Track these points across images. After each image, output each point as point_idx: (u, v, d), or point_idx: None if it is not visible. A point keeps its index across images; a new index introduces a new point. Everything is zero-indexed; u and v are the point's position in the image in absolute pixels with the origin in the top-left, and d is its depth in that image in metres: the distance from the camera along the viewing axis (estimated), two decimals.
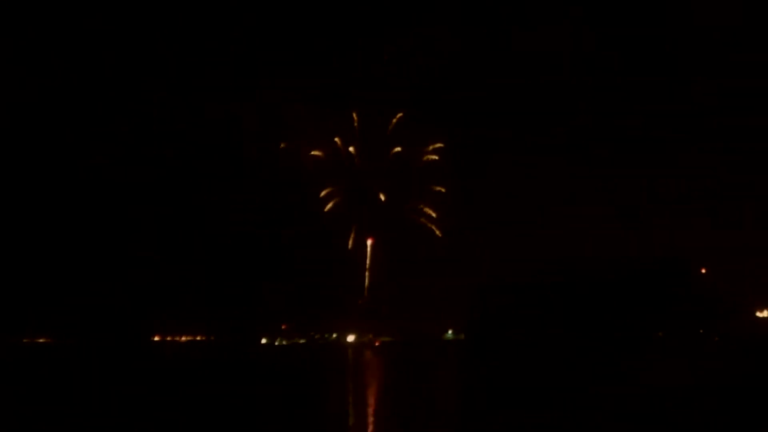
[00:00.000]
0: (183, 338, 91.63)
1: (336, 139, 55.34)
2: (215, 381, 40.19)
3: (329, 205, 61.55)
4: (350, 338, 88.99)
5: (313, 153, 54.82)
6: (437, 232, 65.56)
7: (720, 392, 28.98)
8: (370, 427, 22.51)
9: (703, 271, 66.28)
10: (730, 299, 68.27)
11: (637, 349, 53.47)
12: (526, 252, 65.89)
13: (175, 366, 53.67)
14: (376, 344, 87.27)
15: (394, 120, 56.75)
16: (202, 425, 22.70)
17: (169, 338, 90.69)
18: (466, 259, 70.18)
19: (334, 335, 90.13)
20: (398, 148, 56.64)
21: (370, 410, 27.40)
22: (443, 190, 57.25)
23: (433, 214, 59.40)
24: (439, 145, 58.88)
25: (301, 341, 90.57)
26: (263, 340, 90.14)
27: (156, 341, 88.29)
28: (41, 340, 79.53)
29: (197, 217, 69.02)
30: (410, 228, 62.31)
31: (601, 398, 27.28)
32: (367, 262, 66.12)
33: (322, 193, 55.16)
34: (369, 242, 60.37)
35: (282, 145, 54.68)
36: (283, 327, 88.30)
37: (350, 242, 61.32)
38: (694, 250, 66.43)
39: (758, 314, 74.44)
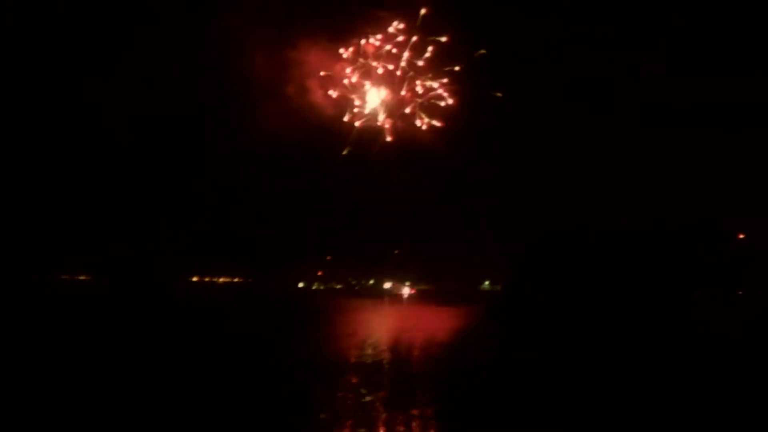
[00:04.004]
0: (221, 279, 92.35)
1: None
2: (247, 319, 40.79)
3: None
4: (387, 285, 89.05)
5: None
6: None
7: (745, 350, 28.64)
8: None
9: (742, 236, 64.60)
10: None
11: (672, 308, 52.98)
12: (563, 207, 64.68)
13: (211, 305, 54.79)
14: (412, 292, 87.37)
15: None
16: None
17: (207, 279, 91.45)
18: (507, 211, 69.35)
19: (371, 281, 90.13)
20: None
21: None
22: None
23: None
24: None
25: (338, 286, 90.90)
26: (300, 284, 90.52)
27: (194, 281, 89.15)
28: (80, 278, 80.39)
29: (236, 159, 68.48)
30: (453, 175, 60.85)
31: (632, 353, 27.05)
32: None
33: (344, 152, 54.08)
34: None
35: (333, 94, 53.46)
36: (319, 273, 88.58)
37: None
38: (735, 214, 64.63)
39: None
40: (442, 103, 58.24)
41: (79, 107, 48.87)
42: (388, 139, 59.17)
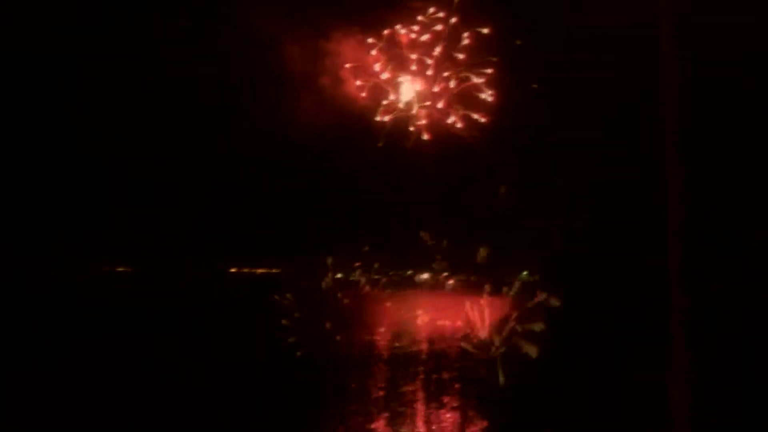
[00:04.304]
0: (259, 271, 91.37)
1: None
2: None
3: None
4: (424, 276, 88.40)
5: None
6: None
7: None
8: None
9: None
10: None
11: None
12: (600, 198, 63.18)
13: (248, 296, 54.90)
14: (451, 282, 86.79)
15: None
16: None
17: (246, 270, 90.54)
18: (544, 202, 67.62)
19: (408, 272, 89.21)
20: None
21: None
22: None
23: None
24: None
25: (376, 277, 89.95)
26: (338, 275, 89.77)
27: (232, 272, 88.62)
28: (120, 269, 79.93)
29: (273, 148, 67.50)
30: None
31: None
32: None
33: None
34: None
35: None
36: (356, 264, 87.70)
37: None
38: None
39: None
40: (482, 95, 57.30)
41: (100, 104, 49.00)
42: (425, 136, 58.25)
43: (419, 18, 55.14)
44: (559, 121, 46.66)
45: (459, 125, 57.43)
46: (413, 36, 54.63)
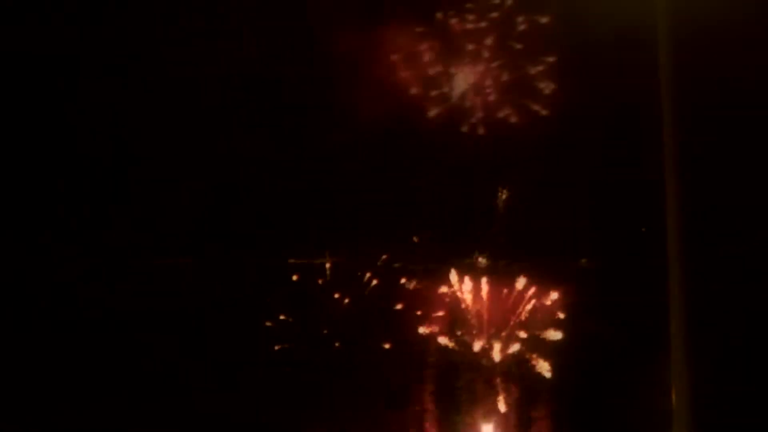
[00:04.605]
0: (318, 261, 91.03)
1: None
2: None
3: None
4: (482, 260, 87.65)
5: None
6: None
7: None
8: None
9: None
10: None
11: None
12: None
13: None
14: (507, 268, 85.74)
15: None
16: None
17: (304, 261, 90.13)
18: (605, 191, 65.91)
19: (467, 260, 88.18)
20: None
21: None
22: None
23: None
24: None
25: (433, 266, 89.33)
26: (396, 265, 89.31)
27: (291, 263, 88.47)
28: (182, 260, 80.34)
29: (330, 142, 66.88)
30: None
31: None
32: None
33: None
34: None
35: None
36: (410, 255, 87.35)
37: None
38: None
39: None
40: (541, 86, 55.77)
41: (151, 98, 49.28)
42: (480, 130, 56.90)
43: (470, 5, 53.87)
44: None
45: (514, 118, 56.18)
46: (467, 26, 53.39)
